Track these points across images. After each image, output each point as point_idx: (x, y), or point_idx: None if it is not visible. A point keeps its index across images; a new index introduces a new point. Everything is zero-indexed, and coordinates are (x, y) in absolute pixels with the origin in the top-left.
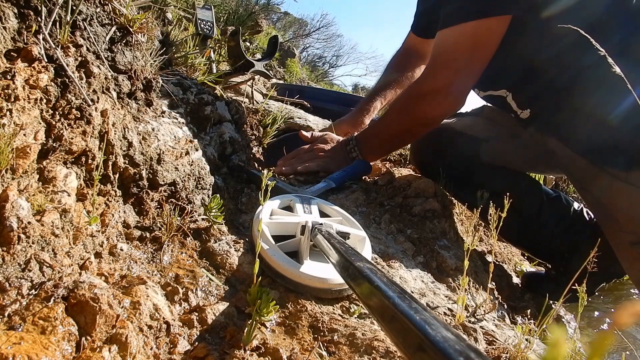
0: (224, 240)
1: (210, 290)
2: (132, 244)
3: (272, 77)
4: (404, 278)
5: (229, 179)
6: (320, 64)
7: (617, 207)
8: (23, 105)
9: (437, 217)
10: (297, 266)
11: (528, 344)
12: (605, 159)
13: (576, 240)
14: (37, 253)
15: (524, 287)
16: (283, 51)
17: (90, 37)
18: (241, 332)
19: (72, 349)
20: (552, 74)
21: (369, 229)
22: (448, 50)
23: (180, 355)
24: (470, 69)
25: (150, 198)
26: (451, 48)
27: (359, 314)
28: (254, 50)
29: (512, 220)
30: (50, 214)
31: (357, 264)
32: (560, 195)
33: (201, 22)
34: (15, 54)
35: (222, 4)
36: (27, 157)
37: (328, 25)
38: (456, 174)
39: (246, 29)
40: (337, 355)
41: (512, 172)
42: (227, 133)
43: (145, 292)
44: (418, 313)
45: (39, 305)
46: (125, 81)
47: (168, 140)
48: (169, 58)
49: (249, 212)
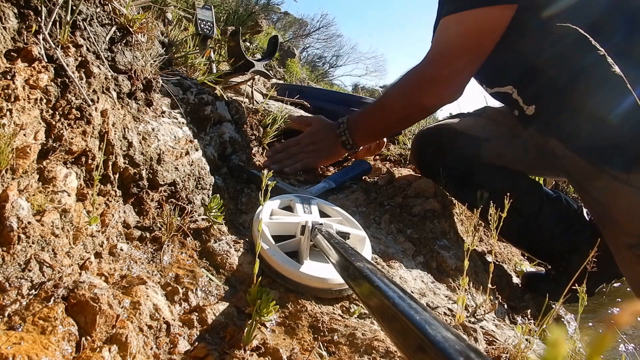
0: (224, 240)
1: (210, 290)
2: (132, 244)
3: (272, 77)
4: (404, 278)
5: (229, 179)
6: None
7: (616, 208)
8: (23, 105)
9: (437, 217)
10: (297, 266)
11: (528, 344)
12: (605, 160)
13: (576, 240)
14: (37, 253)
15: (524, 287)
16: (283, 51)
17: (90, 37)
18: (241, 332)
19: (72, 349)
20: (553, 74)
21: (369, 229)
22: (449, 38)
23: (180, 355)
24: (471, 59)
25: (150, 198)
26: (453, 37)
27: (359, 314)
28: (254, 50)
29: (512, 220)
30: (50, 214)
31: (357, 264)
32: (560, 196)
33: (201, 22)
34: (15, 54)
35: (222, 4)
36: (27, 157)
37: (328, 25)
38: (456, 174)
39: (246, 29)
40: (337, 355)
41: (512, 172)
42: (227, 133)
43: (145, 292)
44: (418, 313)
45: (39, 305)
46: (125, 81)
47: (168, 140)
48: (169, 58)
49: (249, 212)
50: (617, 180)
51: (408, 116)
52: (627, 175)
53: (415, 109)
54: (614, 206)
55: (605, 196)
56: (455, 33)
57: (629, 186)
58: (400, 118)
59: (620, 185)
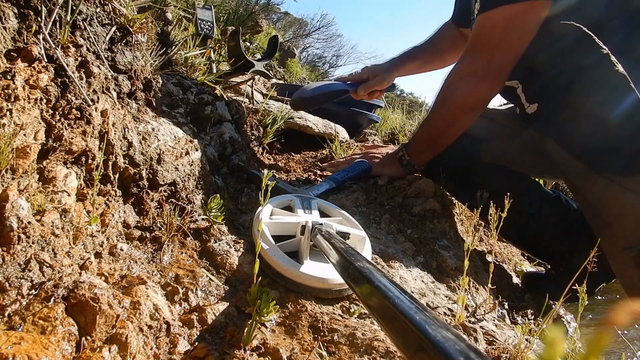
0: (224, 240)
1: (210, 290)
2: (132, 244)
3: (272, 77)
4: (404, 278)
5: (229, 179)
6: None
7: (610, 211)
8: (23, 105)
9: (437, 217)
10: (297, 266)
11: (528, 344)
12: (602, 163)
13: (576, 241)
14: (37, 253)
15: (524, 287)
16: (283, 51)
17: (90, 37)
18: (241, 332)
19: (72, 349)
20: (553, 74)
21: (369, 229)
22: (488, 32)
23: (180, 355)
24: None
25: (150, 198)
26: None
27: (359, 314)
28: (254, 50)
29: (512, 220)
30: (50, 214)
31: (357, 264)
32: (560, 196)
33: (201, 22)
34: (16, 54)
35: (222, 4)
36: (27, 157)
37: (328, 25)
38: (456, 174)
39: (246, 29)
40: (337, 355)
41: (512, 172)
42: (227, 133)
43: (145, 292)
44: (418, 313)
45: (39, 305)
46: (125, 81)
47: (168, 140)
48: (169, 58)
49: (249, 212)
50: (612, 183)
51: (454, 121)
52: (622, 178)
53: (460, 108)
54: (608, 209)
55: (600, 199)
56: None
57: (623, 189)
58: (447, 124)
59: (615, 188)
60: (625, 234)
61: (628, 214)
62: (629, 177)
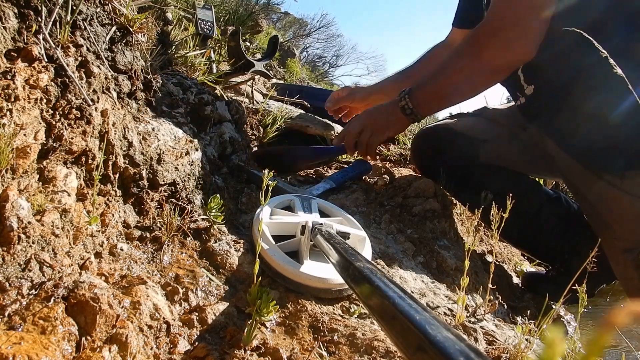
0: (224, 240)
1: (210, 290)
2: (132, 244)
3: (272, 77)
4: (404, 278)
5: (229, 179)
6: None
7: (610, 213)
8: (23, 105)
9: (437, 217)
10: (297, 266)
11: (528, 344)
12: (600, 164)
13: (576, 241)
14: (37, 253)
15: (524, 287)
16: (283, 51)
17: (90, 37)
18: (241, 332)
19: (72, 348)
20: (552, 74)
21: (369, 229)
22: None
23: (180, 355)
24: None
25: (150, 198)
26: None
27: (359, 314)
28: (254, 50)
29: (512, 221)
30: (50, 214)
31: (357, 264)
32: (560, 196)
33: (201, 22)
34: (16, 54)
35: (222, 4)
36: (27, 157)
37: (328, 25)
38: (456, 175)
39: (246, 29)
40: (337, 355)
41: (512, 172)
42: (227, 133)
43: (145, 292)
44: (418, 313)
45: (39, 305)
46: (125, 81)
47: (168, 140)
48: (169, 58)
49: (249, 212)
50: (611, 185)
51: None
52: (620, 180)
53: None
54: (608, 211)
55: (600, 200)
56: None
57: (622, 192)
58: (469, 80)
59: (615, 190)
60: (625, 236)
61: (628, 216)
62: (627, 179)
